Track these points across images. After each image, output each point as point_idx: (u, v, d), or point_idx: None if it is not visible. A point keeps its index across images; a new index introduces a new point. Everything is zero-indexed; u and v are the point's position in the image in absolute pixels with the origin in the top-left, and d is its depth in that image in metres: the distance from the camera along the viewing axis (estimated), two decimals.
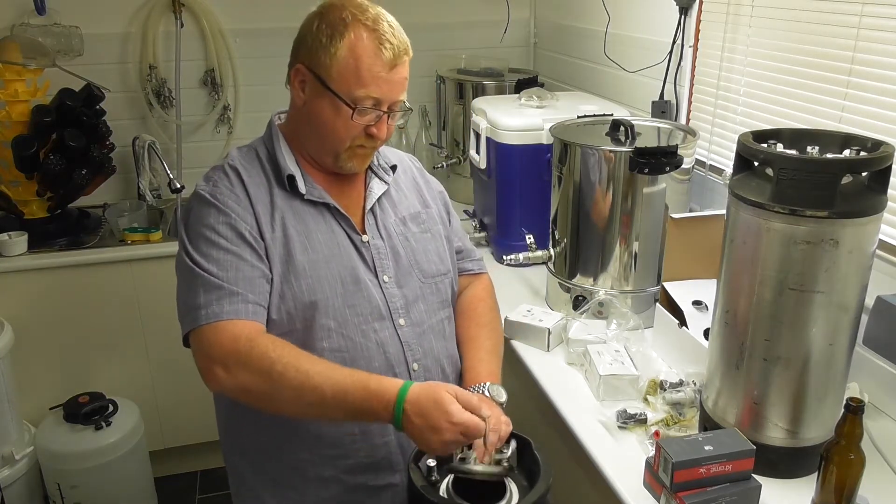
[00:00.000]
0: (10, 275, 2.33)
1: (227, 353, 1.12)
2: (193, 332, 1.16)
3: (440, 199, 1.48)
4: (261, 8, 2.81)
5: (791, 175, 1.08)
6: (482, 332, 1.40)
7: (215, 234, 1.19)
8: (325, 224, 1.27)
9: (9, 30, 2.54)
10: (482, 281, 1.53)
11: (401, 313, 1.29)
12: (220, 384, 1.14)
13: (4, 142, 2.32)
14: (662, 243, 1.69)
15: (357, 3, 1.22)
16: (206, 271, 1.16)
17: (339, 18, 1.19)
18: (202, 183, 1.26)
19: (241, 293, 1.16)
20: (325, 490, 1.28)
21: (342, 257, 1.26)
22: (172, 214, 2.76)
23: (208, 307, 1.14)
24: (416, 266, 1.34)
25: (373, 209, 1.33)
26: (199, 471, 2.79)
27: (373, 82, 1.19)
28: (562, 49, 2.88)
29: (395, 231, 1.34)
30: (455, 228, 1.50)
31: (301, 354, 1.13)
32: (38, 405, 2.41)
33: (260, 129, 1.39)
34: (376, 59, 1.19)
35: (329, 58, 1.19)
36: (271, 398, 1.12)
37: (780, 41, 1.70)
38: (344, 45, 1.18)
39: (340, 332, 1.23)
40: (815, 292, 1.12)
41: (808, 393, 1.18)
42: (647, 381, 1.48)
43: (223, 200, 1.21)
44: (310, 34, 1.22)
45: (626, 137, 1.71)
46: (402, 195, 1.40)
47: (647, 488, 1.22)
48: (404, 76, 1.24)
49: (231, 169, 1.26)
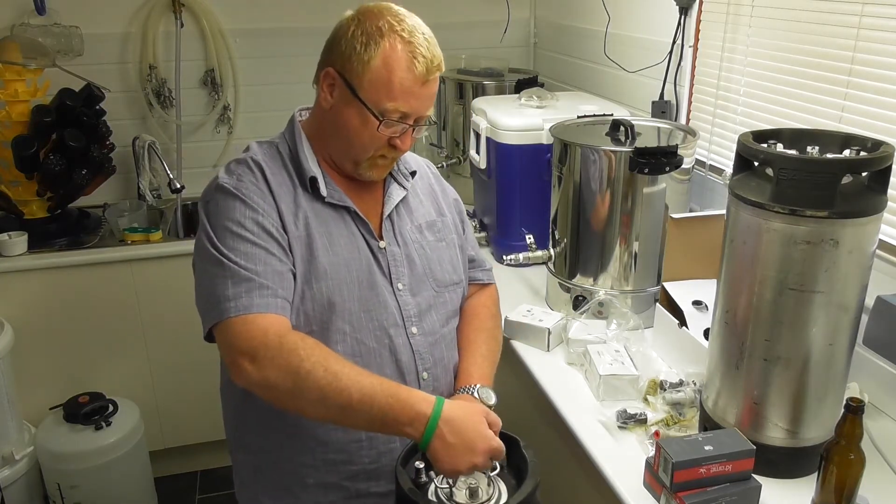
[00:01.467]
0: (10, 275, 2.33)
1: (256, 345, 1.08)
2: (219, 324, 1.12)
3: (455, 207, 1.46)
4: (261, 8, 2.81)
5: (791, 175, 1.08)
6: (480, 336, 1.39)
7: (242, 229, 1.16)
8: (345, 227, 1.25)
9: (9, 30, 2.54)
10: (489, 290, 1.51)
11: (413, 321, 1.28)
12: (246, 378, 1.10)
13: (4, 142, 2.32)
14: (662, 243, 1.69)
15: (395, 11, 1.20)
16: (236, 263, 1.13)
17: (375, 27, 1.16)
18: (224, 176, 1.22)
19: (272, 287, 1.13)
20: (324, 497, 1.28)
21: (360, 261, 1.25)
22: (172, 214, 2.76)
23: (237, 299, 1.11)
24: (431, 275, 1.33)
25: (390, 215, 1.31)
26: (199, 471, 2.79)
27: (402, 96, 1.17)
28: (562, 49, 2.88)
29: (411, 238, 1.32)
30: (468, 237, 1.48)
31: (331, 355, 1.11)
32: (38, 405, 2.41)
33: (260, 129, 1.39)
34: (408, 73, 1.16)
35: (362, 66, 1.17)
36: (295, 396, 1.09)
37: (780, 41, 1.70)
38: (378, 55, 1.16)
39: (355, 336, 1.22)
40: (815, 292, 1.12)
41: (808, 393, 1.18)
42: (647, 381, 1.48)
43: (248, 195, 1.18)
44: (344, 39, 1.18)
45: (626, 137, 1.71)
46: (419, 201, 1.38)
47: (647, 488, 1.22)
48: (434, 91, 1.22)
49: (255, 164, 1.23)
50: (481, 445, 1.08)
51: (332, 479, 1.27)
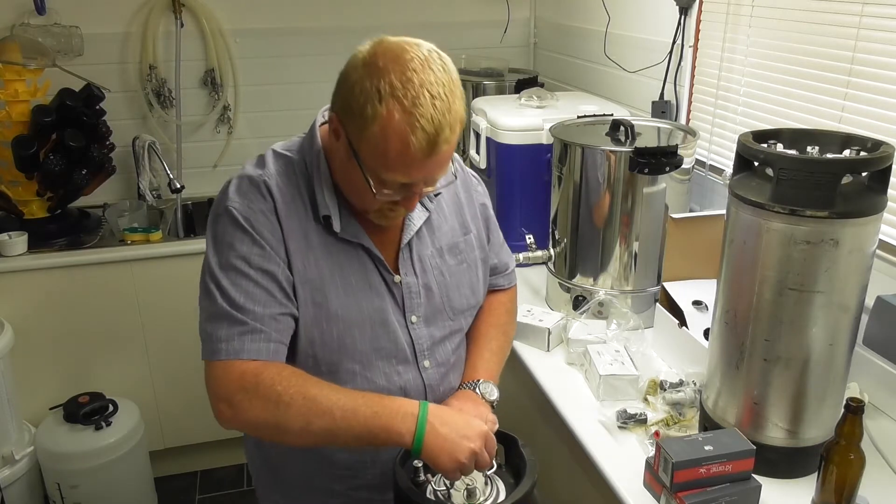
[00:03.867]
0: (10, 275, 2.33)
1: (232, 391, 1.07)
2: (207, 362, 1.11)
3: (482, 215, 1.36)
4: (261, 8, 2.81)
5: (791, 175, 1.08)
6: (492, 331, 1.37)
7: (246, 265, 1.11)
8: (358, 263, 1.18)
9: (9, 30, 2.54)
10: (509, 290, 1.47)
11: (426, 355, 1.24)
12: (226, 423, 1.09)
13: (4, 142, 2.32)
14: (662, 243, 1.69)
15: (404, 61, 1.02)
16: (233, 303, 1.09)
17: (375, 88, 1.01)
18: (236, 197, 1.13)
19: (265, 331, 1.10)
20: (331, 499, 1.29)
21: (373, 299, 1.19)
22: (172, 214, 2.76)
23: (230, 342, 1.08)
24: (448, 303, 1.27)
25: (410, 241, 1.23)
26: (199, 471, 2.79)
27: (401, 168, 1.05)
28: (562, 49, 2.88)
29: (431, 265, 1.25)
30: (494, 244, 1.40)
31: (308, 381, 1.08)
32: (38, 405, 2.41)
33: (260, 129, 1.36)
34: (406, 148, 1.02)
35: (359, 127, 1.04)
36: (280, 430, 1.07)
37: (780, 41, 1.70)
38: (376, 122, 1.01)
39: (364, 374, 1.19)
40: (815, 292, 1.12)
41: (808, 393, 1.18)
42: (647, 381, 1.48)
43: (258, 229, 1.11)
44: (347, 87, 1.05)
45: (626, 137, 1.71)
46: (443, 219, 1.29)
47: (647, 488, 1.22)
48: (444, 157, 1.07)
49: (267, 190, 1.14)
50: (474, 431, 1.07)
51: (338, 487, 1.27)
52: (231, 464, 2.80)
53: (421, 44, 1.06)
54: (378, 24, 2.84)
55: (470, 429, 1.08)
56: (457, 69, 1.09)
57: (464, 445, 1.05)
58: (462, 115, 1.07)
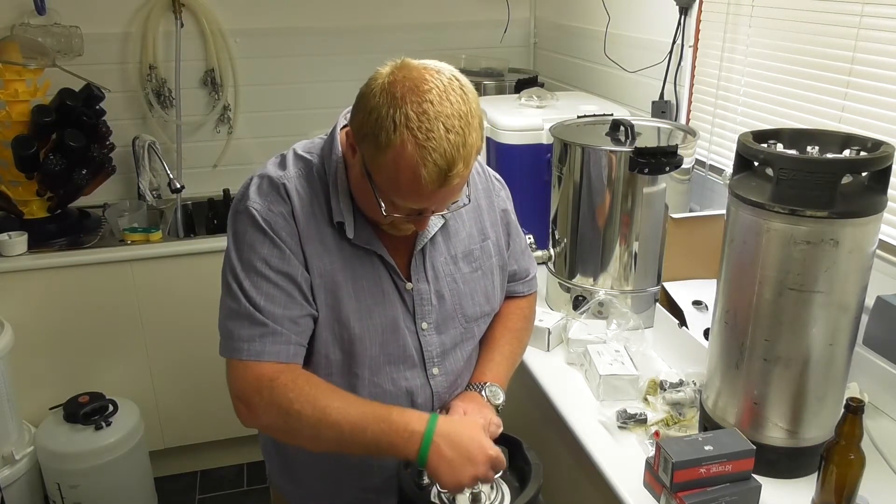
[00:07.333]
0: (10, 275, 2.32)
1: (249, 393, 1.11)
2: (228, 360, 1.14)
3: (503, 219, 1.34)
4: (261, 8, 2.81)
5: (791, 175, 1.08)
6: (506, 336, 1.37)
7: (267, 268, 1.12)
8: (371, 269, 1.19)
9: (9, 30, 2.54)
10: (528, 296, 1.46)
11: (435, 362, 1.25)
12: (243, 421, 1.13)
13: (4, 142, 2.32)
14: (662, 243, 1.69)
15: (420, 95, 1.00)
16: (254, 304, 1.11)
17: (391, 118, 0.99)
18: (255, 197, 1.14)
19: (286, 333, 1.12)
20: (336, 488, 1.30)
21: (385, 305, 1.20)
22: (172, 214, 2.76)
23: (251, 343, 1.11)
24: (460, 310, 1.27)
25: (423, 247, 1.23)
26: (199, 471, 2.79)
27: (412, 197, 1.05)
28: (562, 49, 2.88)
29: (444, 272, 1.24)
30: (514, 250, 1.39)
31: (320, 390, 1.10)
32: (38, 405, 2.41)
33: (260, 129, 1.36)
34: (417, 179, 1.01)
35: (373, 154, 1.03)
36: (291, 435, 1.12)
37: (780, 41, 1.70)
38: (389, 150, 1.01)
39: (373, 379, 1.21)
40: (815, 292, 1.12)
41: (808, 393, 1.18)
42: (647, 381, 1.48)
43: (278, 232, 1.13)
44: (364, 111, 1.03)
45: (626, 137, 1.71)
46: (461, 224, 1.27)
47: (647, 488, 1.22)
48: (455, 187, 1.07)
49: (286, 193, 1.15)
50: (480, 455, 1.06)
51: (346, 485, 1.29)
52: (231, 464, 2.80)
53: (442, 70, 1.05)
54: (378, 24, 2.85)
55: (478, 452, 1.07)
56: (457, 69, 1.08)
57: (467, 470, 1.06)
58: (479, 146, 1.06)
